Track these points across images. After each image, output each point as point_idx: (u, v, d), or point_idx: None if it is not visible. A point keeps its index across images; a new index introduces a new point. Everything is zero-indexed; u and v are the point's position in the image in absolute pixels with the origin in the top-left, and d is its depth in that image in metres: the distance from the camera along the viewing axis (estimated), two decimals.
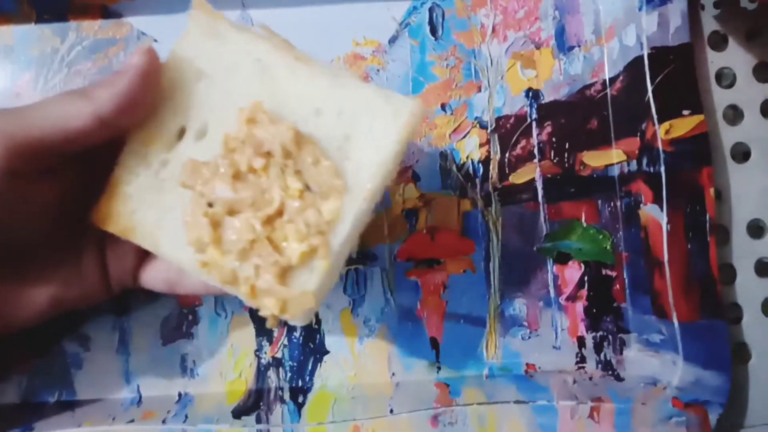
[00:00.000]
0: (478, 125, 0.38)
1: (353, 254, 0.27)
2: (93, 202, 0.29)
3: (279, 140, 0.26)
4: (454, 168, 0.38)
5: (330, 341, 0.37)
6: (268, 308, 0.26)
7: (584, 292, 0.38)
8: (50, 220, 0.29)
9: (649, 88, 0.35)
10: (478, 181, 0.38)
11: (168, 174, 0.28)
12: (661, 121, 0.35)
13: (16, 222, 0.28)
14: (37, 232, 0.29)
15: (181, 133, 0.28)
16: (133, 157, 0.28)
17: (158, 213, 0.28)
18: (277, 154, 0.26)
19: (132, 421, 0.34)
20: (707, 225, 0.35)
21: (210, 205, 0.27)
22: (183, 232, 0.27)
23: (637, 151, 0.36)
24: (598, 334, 0.37)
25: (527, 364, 0.37)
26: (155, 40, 0.38)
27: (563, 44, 0.39)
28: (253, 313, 0.37)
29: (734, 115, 0.38)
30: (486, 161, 0.38)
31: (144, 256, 0.32)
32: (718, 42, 0.38)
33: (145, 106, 0.27)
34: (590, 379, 0.37)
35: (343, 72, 0.28)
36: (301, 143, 0.26)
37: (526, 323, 0.37)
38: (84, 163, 0.29)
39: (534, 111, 0.38)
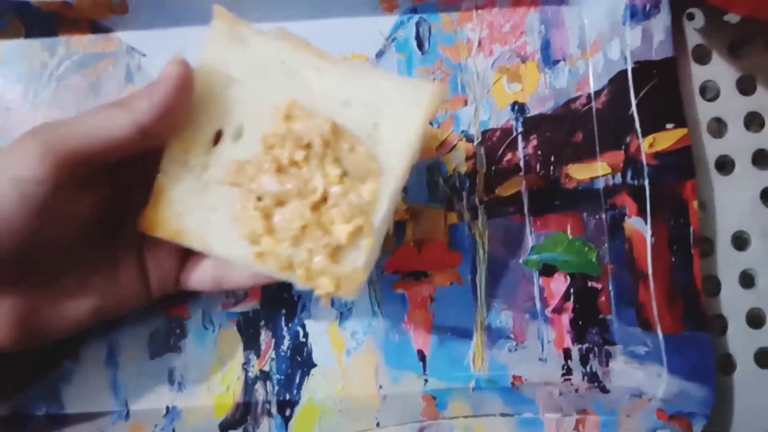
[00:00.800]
0: (464, 139, 0.38)
1: (390, 231, 0.30)
2: (129, 211, 0.30)
3: (317, 132, 0.28)
4: (441, 181, 0.38)
5: (317, 354, 0.37)
6: (324, 287, 0.28)
7: (570, 304, 0.38)
8: (89, 231, 0.30)
9: (633, 101, 0.36)
10: (464, 193, 0.38)
11: (209, 176, 0.30)
12: (645, 134, 0.35)
13: (57, 233, 0.28)
14: (77, 243, 0.29)
15: (217, 136, 0.30)
16: (174, 163, 0.29)
17: (204, 214, 0.29)
18: (316, 145, 0.28)
19: None
20: (691, 237, 0.35)
21: (259, 199, 0.29)
22: (231, 229, 0.29)
23: (621, 164, 0.37)
24: (584, 346, 0.38)
25: (514, 376, 0.37)
26: (144, 55, 0.38)
27: (549, 58, 0.39)
28: (241, 327, 0.37)
29: (718, 127, 0.39)
30: (472, 174, 0.38)
31: (184, 258, 0.33)
32: (702, 55, 0.39)
33: (181, 115, 0.28)
34: (576, 391, 0.37)
35: (364, 65, 0.30)
36: (337, 133, 0.28)
37: (512, 335, 0.38)
38: (119, 173, 0.30)
39: (520, 124, 0.39)
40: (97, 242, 0.31)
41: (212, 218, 0.29)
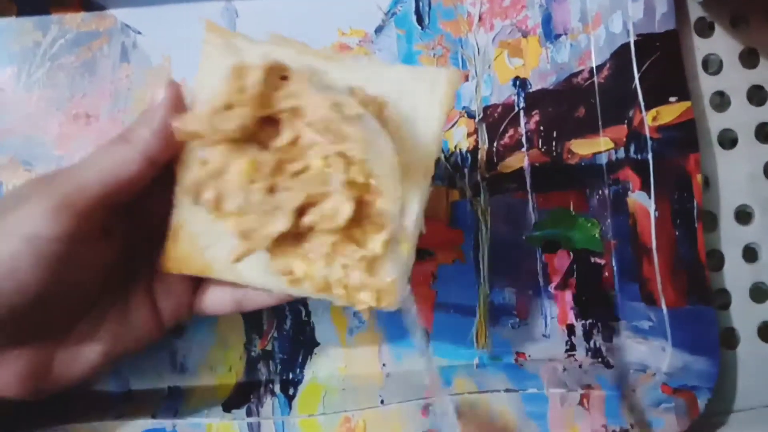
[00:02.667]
0: (465, 115, 0.38)
1: (422, 231, 0.27)
2: (137, 248, 0.29)
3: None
4: (443, 158, 0.38)
5: (320, 333, 0.37)
6: (365, 302, 0.27)
7: (573, 280, 0.38)
8: (103, 279, 0.28)
9: (636, 75, 0.35)
10: (466, 170, 0.38)
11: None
12: (648, 108, 0.35)
13: (71, 286, 0.27)
14: (90, 292, 0.28)
15: None
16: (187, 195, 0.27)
17: (230, 243, 0.27)
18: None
19: (122, 416, 0.34)
20: (695, 211, 0.35)
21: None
22: (261, 256, 0.27)
23: (624, 139, 0.37)
24: (588, 322, 0.37)
25: (517, 353, 0.37)
26: (139, 32, 0.38)
27: (550, 32, 0.38)
28: None
29: (721, 101, 0.38)
30: (474, 151, 0.38)
31: (197, 285, 0.31)
32: (704, 28, 0.38)
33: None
34: (580, 366, 0.37)
35: (373, 60, 0.27)
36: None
37: (515, 312, 0.37)
38: (130, 214, 0.29)
39: (521, 100, 0.38)
40: (109, 286, 0.29)
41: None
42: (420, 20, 0.38)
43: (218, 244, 0.28)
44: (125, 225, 0.29)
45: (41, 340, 0.28)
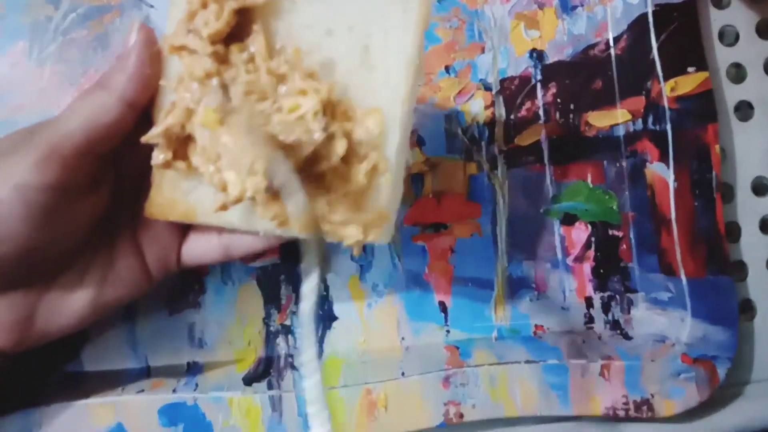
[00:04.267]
0: (482, 87, 0.38)
1: (409, 162, 0.27)
2: (122, 196, 0.29)
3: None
4: (459, 131, 0.38)
5: (338, 307, 0.37)
6: (352, 237, 0.26)
7: (591, 252, 0.38)
8: (90, 228, 0.28)
9: (654, 45, 0.35)
10: (483, 143, 0.38)
11: None
12: (666, 78, 0.35)
13: (60, 235, 0.27)
14: (75, 243, 0.28)
15: None
16: None
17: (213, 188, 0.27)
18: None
19: (142, 391, 0.33)
20: (713, 182, 0.35)
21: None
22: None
23: (642, 110, 0.36)
24: (606, 294, 0.37)
25: (536, 326, 0.37)
26: (152, 6, 0.37)
27: (566, 4, 0.38)
28: (261, 282, 0.36)
29: (737, 73, 0.38)
30: (491, 124, 0.38)
31: (183, 233, 0.31)
32: (720, 0, 0.38)
33: (157, 78, 0.27)
34: (599, 338, 0.37)
35: None
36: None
37: (533, 285, 0.37)
38: (116, 163, 0.29)
39: (538, 72, 0.38)
40: (95, 235, 0.29)
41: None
42: None
43: (201, 188, 0.27)
44: (112, 174, 0.29)
45: (26, 288, 0.28)
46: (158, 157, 0.26)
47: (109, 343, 0.36)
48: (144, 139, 0.26)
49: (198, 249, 0.31)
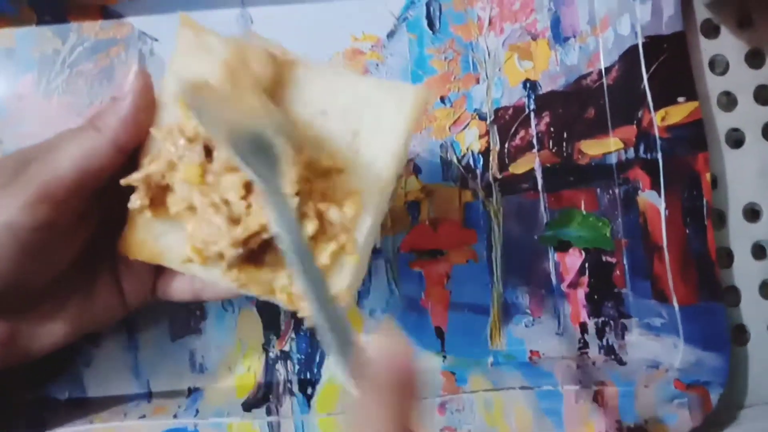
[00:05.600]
0: (477, 117, 0.39)
1: (377, 245, 0.27)
2: (104, 231, 0.29)
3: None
4: (455, 159, 0.38)
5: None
6: (306, 311, 0.27)
7: (585, 278, 0.38)
8: (72, 262, 0.29)
9: (645, 76, 0.36)
10: (478, 171, 0.38)
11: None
12: (656, 108, 0.36)
13: (44, 266, 0.28)
14: (59, 274, 0.29)
15: None
16: None
17: (183, 235, 0.28)
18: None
19: (143, 416, 0.34)
20: (704, 209, 0.35)
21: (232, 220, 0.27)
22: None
23: (634, 139, 0.37)
24: (600, 320, 0.38)
25: (531, 351, 0.38)
26: (155, 39, 0.38)
27: (559, 35, 0.39)
28: (261, 308, 0.37)
29: (728, 101, 0.39)
30: (486, 152, 0.38)
31: (159, 270, 0.32)
32: (711, 30, 0.39)
33: (149, 125, 0.28)
34: (593, 364, 0.37)
35: (342, 69, 0.28)
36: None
37: (529, 311, 0.38)
38: (102, 198, 0.30)
39: (532, 102, 0.39)
40: (77, 266, 0.30)
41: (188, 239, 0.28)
42: (431, 25, 0.39)
43: (171, 234, 0.28)
44: (96, 209, 0.30)
45: (9, 314, 0.29)
46: (135, 201, 0.27)
47: (112, 368, 0.37)
48: (124, 181, 0.27)
49: (171, 288, 0.32)
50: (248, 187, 0.26)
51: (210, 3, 0.38)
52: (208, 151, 0.26)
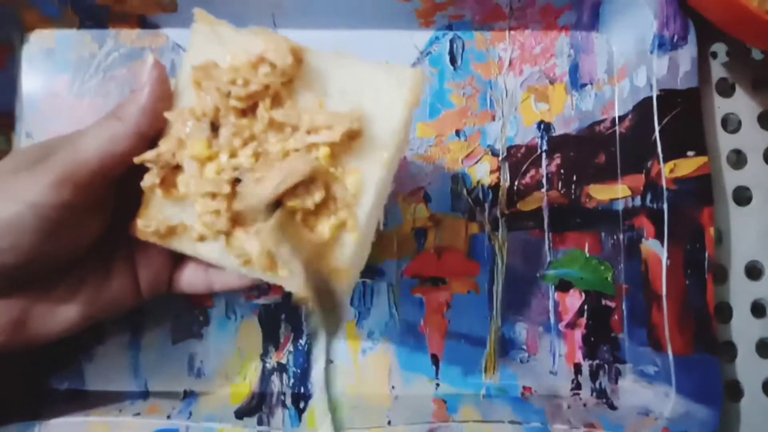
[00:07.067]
0: (490, 153, 0.40)
1: (381, 225, 0.28)
2: (123, 218, 0.30)
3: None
4: (465, 192, 0.39)
5: (334, 351, 0.38)
6: (294, 286, 0.27)
7: (583, 320, 0.39)
8: (89, 246, 0.31)
9: (656, 128, 0.37)
10: (486, 205, 0.39)
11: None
12: (666, 160, 0.37)
13: (63, 250, 0.29)
14: (75, 257, 0.30)
15: None
16: None
17: (191, 218, 0.29)
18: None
19: (138, 414, 0.35)
20: (706, 262, 0.36)
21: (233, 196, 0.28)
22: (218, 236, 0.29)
23: (641, 188, 0.38)
24: (595, 363, 0.38)
25: (524, 387, 0.38)
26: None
27: (576, 81, 0.40)
28: (262, 319, 0.38)
29: (738, 159, 0.40)
30: (495, 187, 0.39)
31: (177, 261, 0.33)
32: (726, 89, 0.40)
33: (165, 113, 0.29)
34: (584, 405, 0.37)
35: (343, 53, 0.29)
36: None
37: (525, 347, 0.38)
38: (120, 185, 0.31)
39: (545, 143, 0.40)
40: (94, 251, 0.31)
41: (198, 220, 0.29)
42: (453, 61, 0.40)
43: (183, 216, 0.29)
44: (116, 196, 0.31)
45: (23, 294, 0.29)
46: (148, 180, 0.29)
47: (113, 365, 0.37)
48: (137, 159, 0.28)
49: (186, 279, 0.33)
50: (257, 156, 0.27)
51: (244, 23, 0.40)
52: (215, 128, 0.28)
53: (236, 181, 0.28)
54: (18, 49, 0.40)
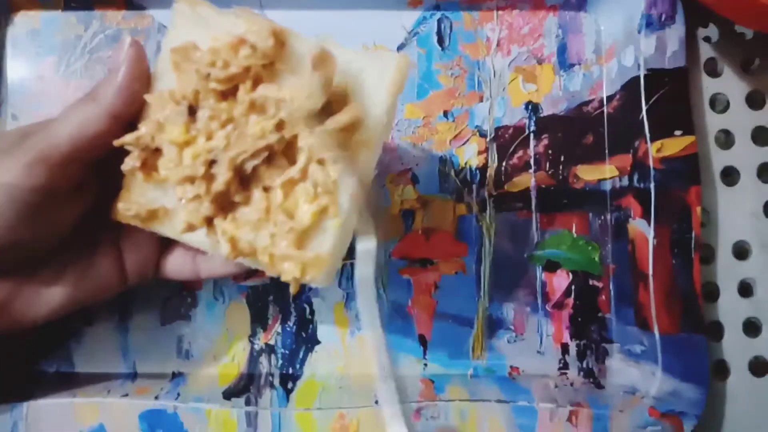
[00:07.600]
0: (477, 133, 0.40)
1: (364, 213, 0.28)
2: (107, 202, 0.30)
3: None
4: (453, 173, 0.39)
5: (322, 332, 0.38)
6: (288, 273, 0.27)
7: (571, 300, 0.39)
8: (72, 229, 0.30)
9: (644, 107, 0.37)
10: (474, 186, 0.39)
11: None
12: (653, 139, 0.37)
13: (43, 233, 0.29)
14: (57, 241, 0.30)
15: None
16: None
17: (172, 200, 0.29)
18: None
19: (126, 395, 0.35)
20: (692, 242, 0.36)
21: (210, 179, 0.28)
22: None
23: (629, 168, 0.38)
24: (582, 342, 0.38)
25: (511, 367, 0.38)
26: None
27: (564, 61, 0.40)
28: (250, 300, 0.38)
29: (726, 139, 0.40)
30: (483, 168, 0.39)
31: (163, 247, 0.33)
32: (714, 69, 0.40)
33: (142, 94, 0.29)
34: (571, 385, 0.38)
35: (326, 38, 0.28)
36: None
37: (512, 327, 0.39)
38: (103, 169, 0.30)
39: (532, 123, 0.40)
40: (78, 234, 0.31)
41: (179, 205, 0.29)
42: (441, 41, 0.40)
43: (163, 199, 0.29)
44: (98, 180, 0.31)
45: (7, 277, 0.29)
46: (128, 163, 0.28)
47: (102, 346, 0.37)
48: (117, 142, 0.28)
49: (173, 265, 0.33)
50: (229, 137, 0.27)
51: (228, 4, 0.39)
52: (192, 111, 0.27)
53: (212, 163, 0.27)
54: (2, 30, 0.39)
